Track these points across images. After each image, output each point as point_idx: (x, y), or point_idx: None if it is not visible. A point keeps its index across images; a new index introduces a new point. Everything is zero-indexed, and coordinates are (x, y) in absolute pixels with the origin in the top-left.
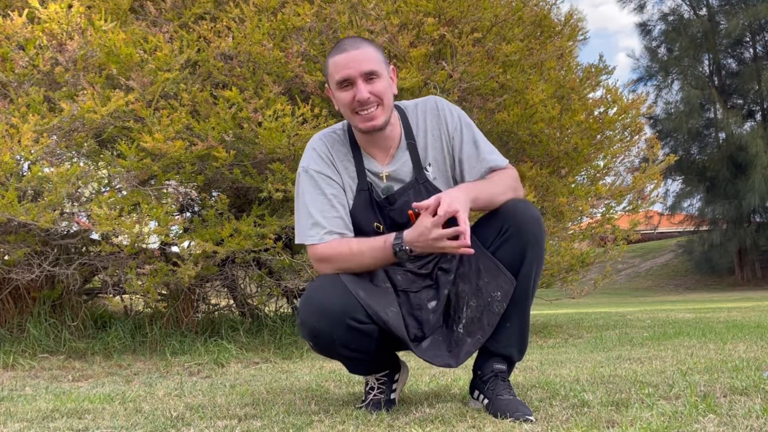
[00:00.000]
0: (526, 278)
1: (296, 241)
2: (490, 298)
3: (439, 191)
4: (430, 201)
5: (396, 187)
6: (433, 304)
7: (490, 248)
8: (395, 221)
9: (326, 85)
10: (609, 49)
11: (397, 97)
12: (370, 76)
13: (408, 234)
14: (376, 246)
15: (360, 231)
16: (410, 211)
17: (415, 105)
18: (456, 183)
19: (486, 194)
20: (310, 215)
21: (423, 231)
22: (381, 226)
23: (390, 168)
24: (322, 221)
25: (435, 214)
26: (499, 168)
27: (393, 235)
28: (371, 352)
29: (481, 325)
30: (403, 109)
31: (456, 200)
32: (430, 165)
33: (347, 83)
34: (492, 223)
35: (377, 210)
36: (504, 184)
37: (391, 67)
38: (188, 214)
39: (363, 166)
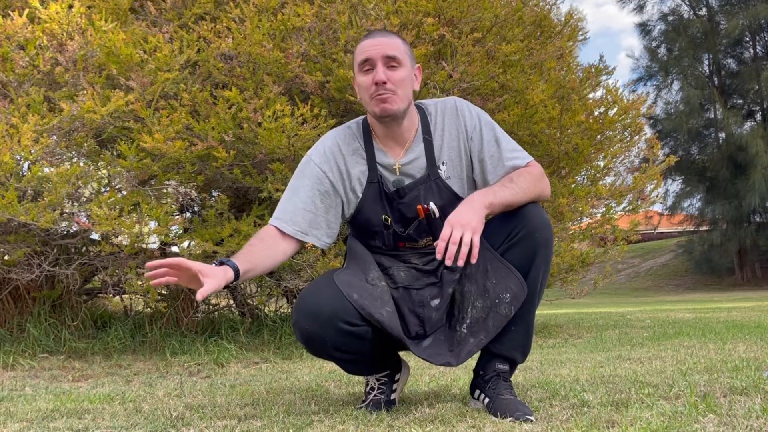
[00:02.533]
0: (533, 282)
1: None
2: (498, 300)
3: (451, 189)
4: (445, 232)
5: (407, 181)
6: (436, 302)
7: (498, 249)
8: (404, 214)
9: (353, 74)
10: (612, 49)
11: None
12: (391, 63)
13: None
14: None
15: (368, 222)
16: (419, 206)
17: (435, 104)
18: (475, 182)
19: (501, 199)
20: (284, 197)
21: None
22: (389, 219)
23: (402, 161)
24: (284, 205)
25: (449, 237)
26: (521, 167)
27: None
28: (365, 353)
29: (486, 326)
30: (423, 108)
31: (466, 224)
32: (444, 164)
33: (368, 66)
34: (502, 225)
35: (386, 202)
36: (523, 185)
37: (417, 65)
38: (188, 214)
39: (374, 159)
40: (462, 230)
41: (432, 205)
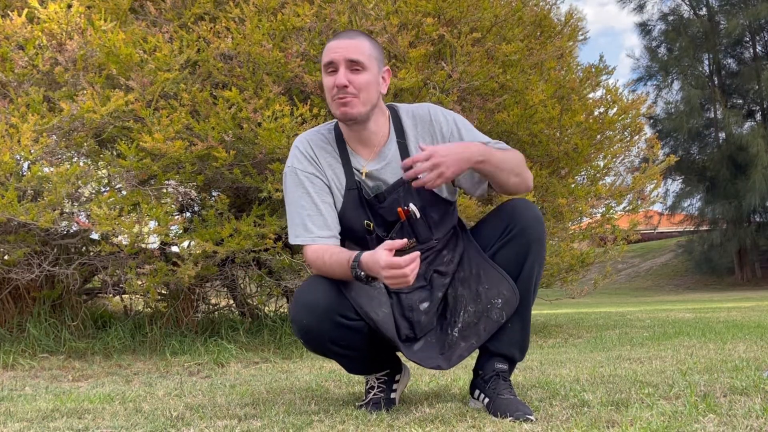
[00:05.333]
0: (528, 279)
1: (289, 240)
2: (489, 305)
3: (429, 190)
4: (420, 155)
5: (383, 186)
6: (425, 305)
7: (492, 248)
8: (385, 219)
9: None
10: (614, 48)
11: (396, 98)
12: (354, 66)
13: (365, 258)
14: (342, 263)
15: (351, 229)
16: (400, 209)
17: (407, 109)
18: (455, 185)
19: (495, 160)
20: (298, 216)
21: (375, 265)
22: (371, 224)
23: (374, 165)
24: (308, 224)
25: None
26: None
27: (353, 255)
28: (362, 349)
29: (477, 331)
30: (396, 110)
31: (445, 162)
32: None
33: (331, 68)
34: (494, 223)
35: (367, 208)
36: (513, 161)
37: (386, 68)
38: (188, 214)
39: (350, 165)
40: (434, 161)
41: (412, 207)
